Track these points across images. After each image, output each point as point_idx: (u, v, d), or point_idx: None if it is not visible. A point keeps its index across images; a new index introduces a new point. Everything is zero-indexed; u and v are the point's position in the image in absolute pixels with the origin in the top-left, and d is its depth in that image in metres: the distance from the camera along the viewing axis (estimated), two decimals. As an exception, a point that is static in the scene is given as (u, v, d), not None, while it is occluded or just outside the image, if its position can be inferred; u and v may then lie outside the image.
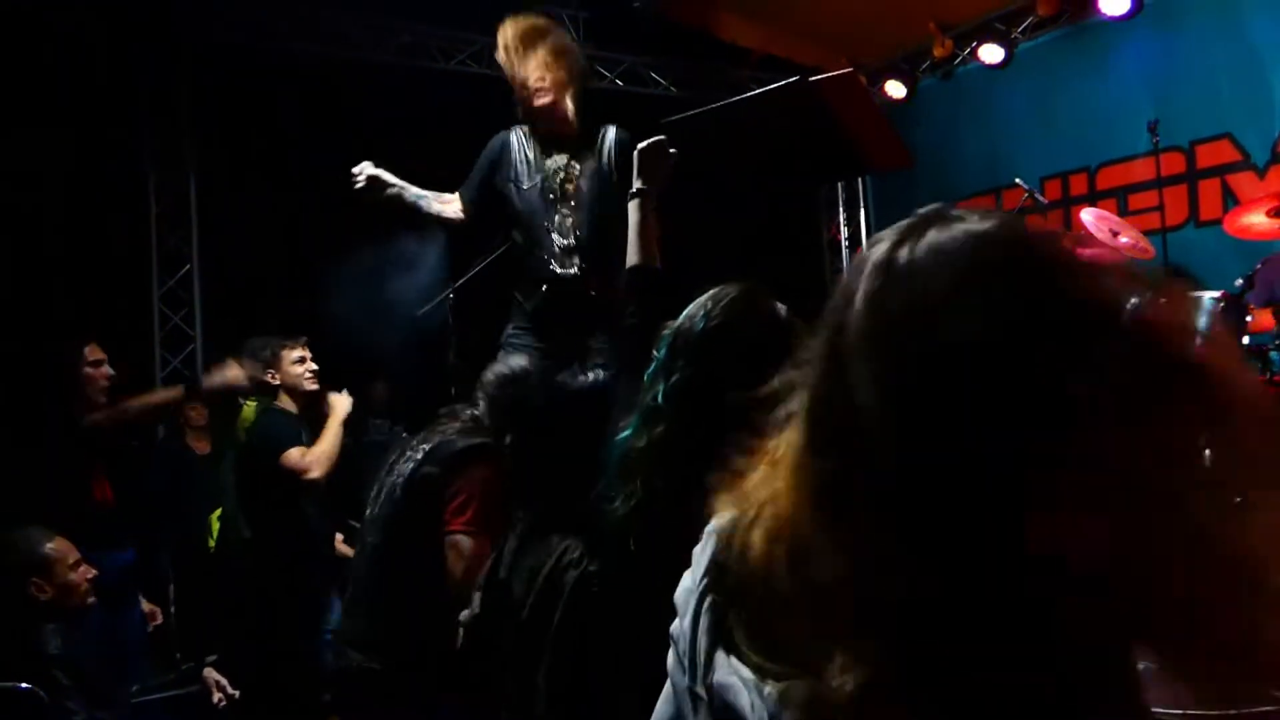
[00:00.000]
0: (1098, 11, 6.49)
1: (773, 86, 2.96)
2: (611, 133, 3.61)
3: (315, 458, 3.74)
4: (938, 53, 7.55)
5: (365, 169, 3.56)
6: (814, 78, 2.93)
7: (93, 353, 3.92)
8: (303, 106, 6.44)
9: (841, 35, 7.54)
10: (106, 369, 3.92)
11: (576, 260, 3.51)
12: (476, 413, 2.67)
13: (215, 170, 6.50)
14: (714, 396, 1.41)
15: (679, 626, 0.94)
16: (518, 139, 3.63)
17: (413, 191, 3.67)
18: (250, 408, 4.05)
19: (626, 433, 1.52)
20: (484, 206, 3.68)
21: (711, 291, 1.53)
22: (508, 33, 3.55)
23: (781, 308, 1.50)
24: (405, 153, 6.41)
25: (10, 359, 4.87)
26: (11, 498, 3.58)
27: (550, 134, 3.58)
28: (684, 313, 1.54)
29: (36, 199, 5.70)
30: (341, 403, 3.98)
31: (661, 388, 1.50)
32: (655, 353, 1.55)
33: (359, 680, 2.59)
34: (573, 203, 3.53)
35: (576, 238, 3.51)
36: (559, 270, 3.52)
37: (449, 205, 3.72)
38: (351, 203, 3.61)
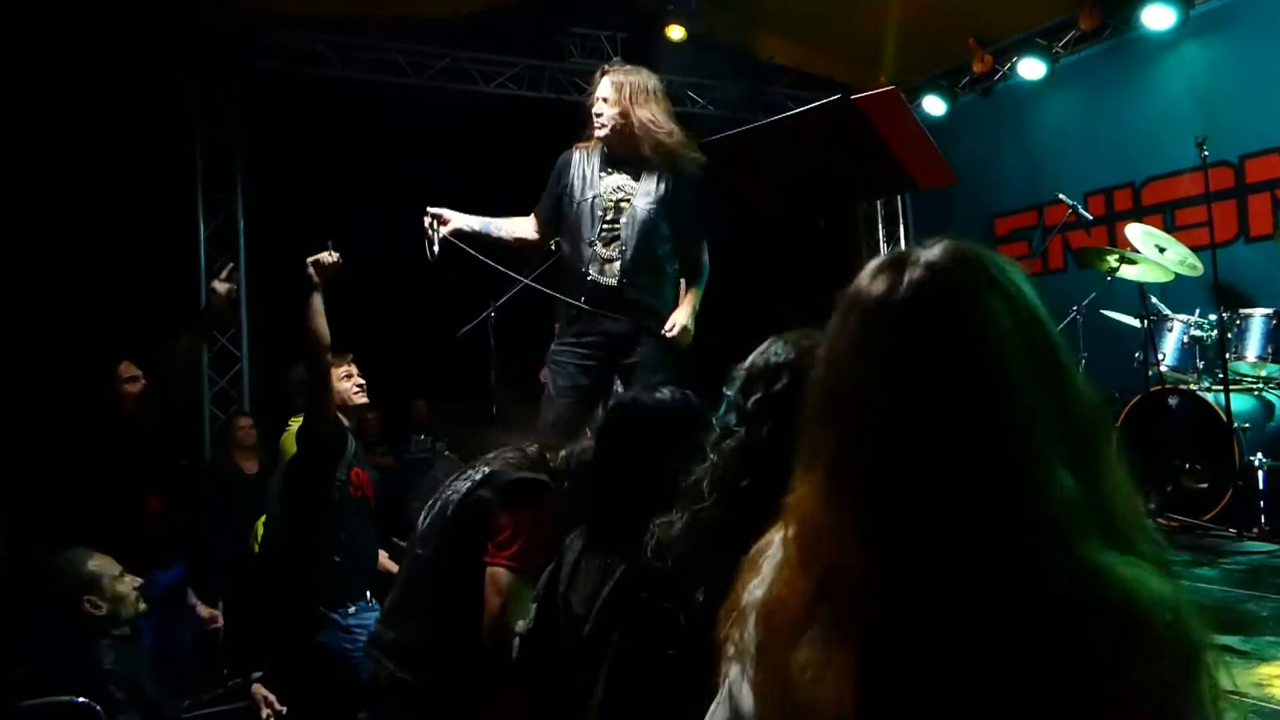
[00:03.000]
0: (1141, 25, 6.43)
1: (814, 105, 2.96)
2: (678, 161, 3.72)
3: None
4: (977, 68, 7.51)
5: (438, 223, 3.71)
6: (856, 96, 2.93)
7: (126, 370, 3.98)
8: (348, 130, 6.55)
9: (880, 52, 7.53)
10: (141, 384, 3.99)
11: (618, 272, 3.63)
12: (543, 451, 2.65)
13: (263, 193, 6.63)
14: (786, 421, 1.45)
15: (748, 634, 0.97)
16: (580, 155, 3.79)
17: (481, 222, 3.80)
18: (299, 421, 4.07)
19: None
20: (557, 224, 3.81)
21: (775, 336, 1.62)
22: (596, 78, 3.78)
23: None
24: (448, 173, 6.54)
25: (54, 379, 4.98)
26: (60, 518, 3.65)
27: (615, 155, 3.73)
28: (754, 352, 1.61)
29: (89, 221, 5.83)
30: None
31: (736, 412, 1.56)
32: (725, 390, 1.62)
33: (390, 690, 2.60)
34: (624, 219, 3.66)
35: (620, 252, 3.64)
36: (600, 280, 3.64)
37: (523, 228, 3.85)
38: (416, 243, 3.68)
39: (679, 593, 1.50)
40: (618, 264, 3.64)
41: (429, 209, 3.73)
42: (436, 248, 3.68)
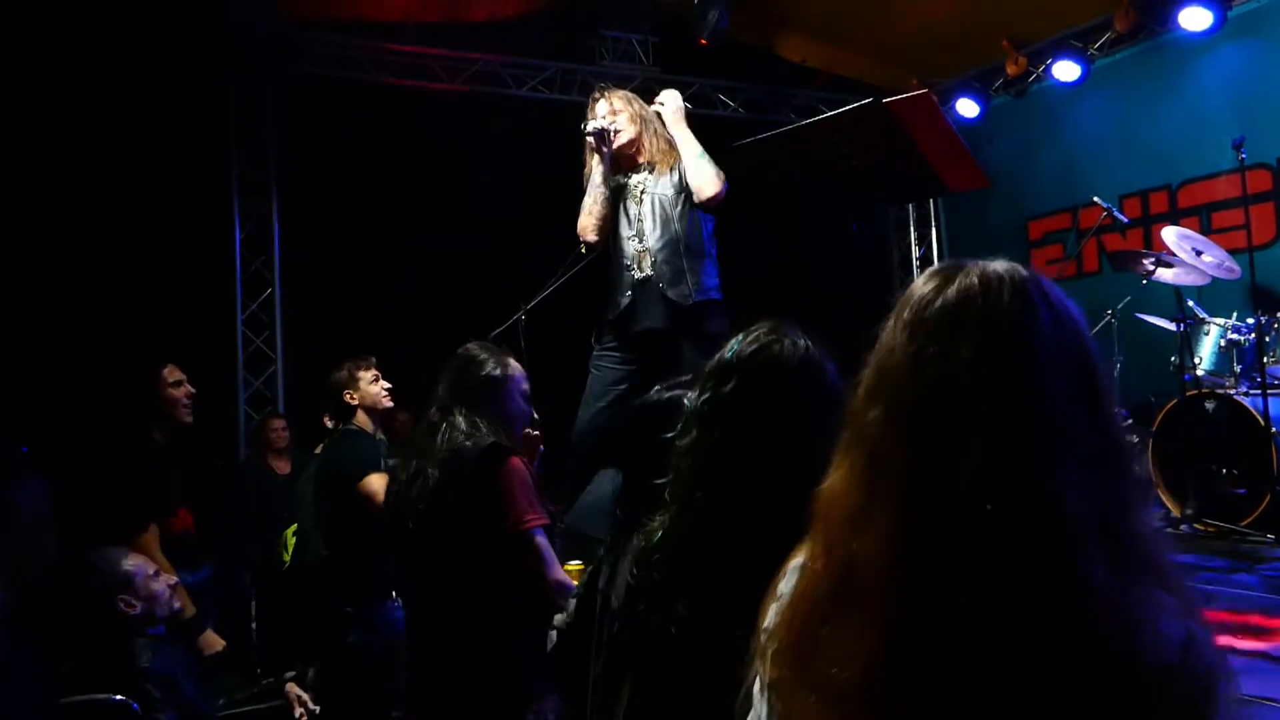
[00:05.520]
0: (1178, 26, 6.36)
1: (846, 109, 2.97)
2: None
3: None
4: (1011, 70, 7.45)
5: (610, 134, 3.77)
6: (887, 99, 2.93)
7: (172, 373, 4.02)
8: (381, 134, 6.61)
9: (911, 54, 7.50)
10: (187, 387, 4.03)
11: (649, 263, 3.73)
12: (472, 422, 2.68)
13: (298, 196, 6.70)
14: (735, 415, 1.48)
15: (760, 664, 0.99)
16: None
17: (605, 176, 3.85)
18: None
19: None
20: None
21: (751, 326, 1.60)
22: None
23: (804, 344, 1.54)
24: (478, 176, 6.59)
25: (97, 383, 5.05)
26: (95, 520, 3.71)
27: (629, 162, 3.84)
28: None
29: (126, 225, 5.91)
30: None
31: (690, 414, 1.56)
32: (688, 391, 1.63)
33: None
34: (645, 207, 3.77)
35: (648, 242, 3.75)
36: (637, 274, 3.74)
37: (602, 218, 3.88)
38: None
39: (663, 605, 1.50)
40: (648, 257, 3.73)
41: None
42: (591, 126, 3.77)
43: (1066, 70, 7.07)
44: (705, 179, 3.67)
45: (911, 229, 8.86)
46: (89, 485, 3.90)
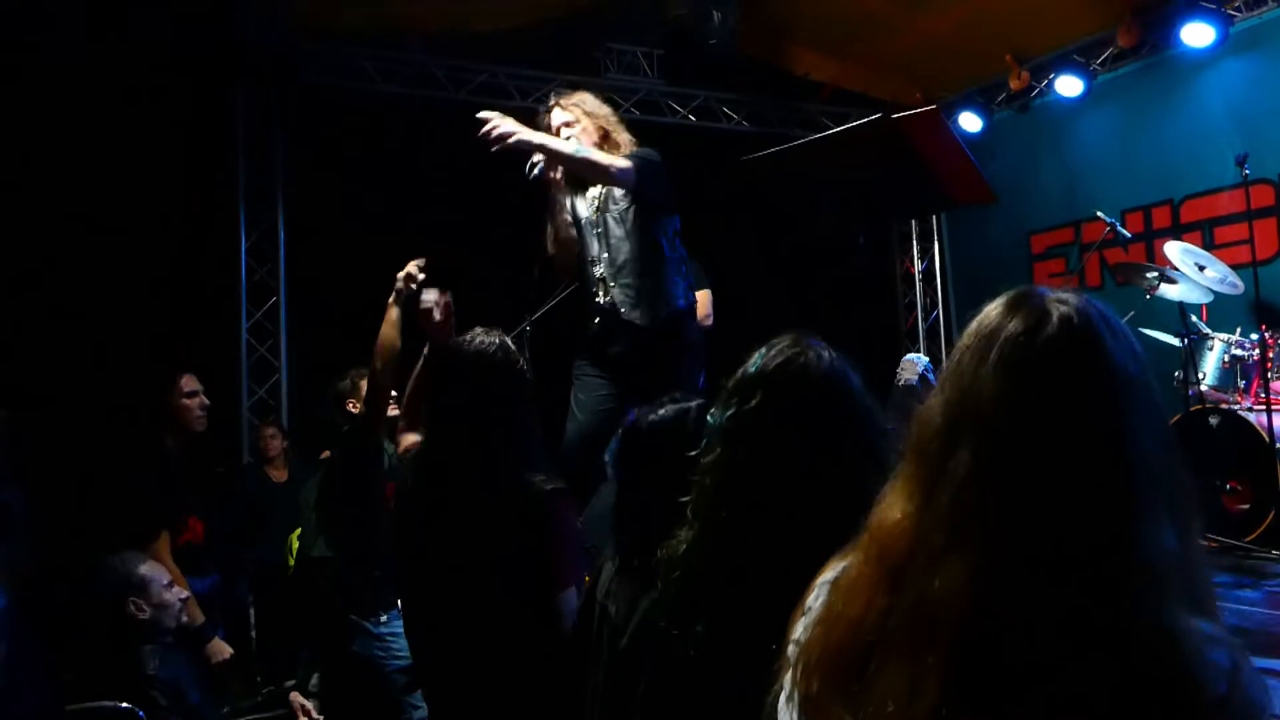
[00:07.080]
0: (1180, 42, 6.39)
1: (854, 124, 2.98)
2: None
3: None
4: (1014, 85, 7.49)
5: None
6: (896, 115, 2.95)
7: (188, 383, 4.03)
8: (387, 143, 6.62)
9: (916, 68, 7.53)
10: (202, 398, 4.04)
11: (612, 287, 3.60)
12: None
13: (303, 206, 6.71)
14: (761, 431, 1.46)
15: (791, 677, 0.99)
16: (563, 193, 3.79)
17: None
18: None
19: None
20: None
21: (771, 341, 1.58)
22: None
23: (829, 356, 1.52)
24: (484, 185, 6.59)
25: (101, 388, 5.06)
26: (106, 527, 3.71)
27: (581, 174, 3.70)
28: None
29: (132, 233, 5.92)
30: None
31: (715, 430, 1.53)
32: (712, 409, 1.59)
33: None
34: (600, 230, 3.65)
35: (607, 265, 3.62)
36: (601, 300, 3.63)
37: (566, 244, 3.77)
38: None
39: (683, 622, 1.48)
40: (610, 282, 3.61)
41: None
42: (535, 169, 3.65)
43: (1069, 85, 7.10)
44: (600, 175, 3.46)
45: (914, 243, 8.88)
46: (100, 491, 3.91)
